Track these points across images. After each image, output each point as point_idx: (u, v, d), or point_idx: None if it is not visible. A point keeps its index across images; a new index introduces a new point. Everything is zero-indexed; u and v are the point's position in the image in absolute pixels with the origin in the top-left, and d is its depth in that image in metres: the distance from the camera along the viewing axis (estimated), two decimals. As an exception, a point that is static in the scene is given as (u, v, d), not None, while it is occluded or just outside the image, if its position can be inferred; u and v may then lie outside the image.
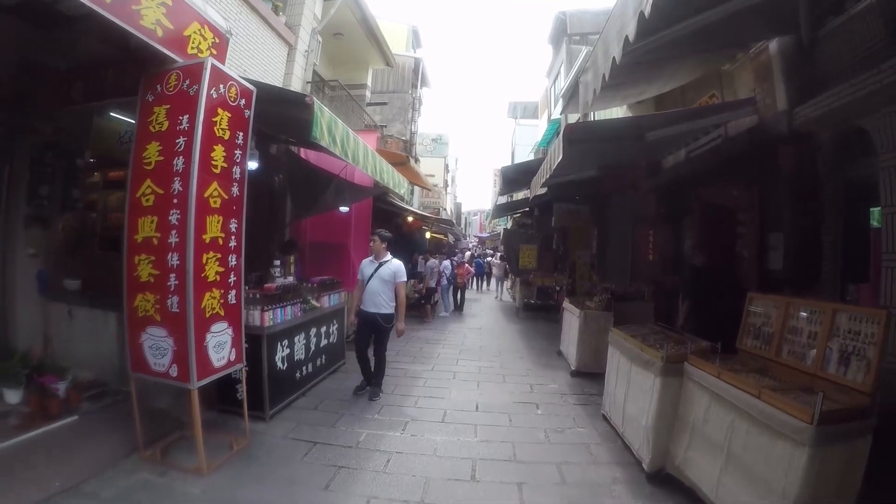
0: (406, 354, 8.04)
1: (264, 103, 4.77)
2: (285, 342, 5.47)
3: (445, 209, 36.48)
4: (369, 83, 15.35)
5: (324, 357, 6.58)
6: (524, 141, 31.67)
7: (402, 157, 9.13)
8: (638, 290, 8.40)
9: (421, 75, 22.04)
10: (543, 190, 12.96)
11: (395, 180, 6.92)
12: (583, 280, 13.00)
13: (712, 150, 6.57)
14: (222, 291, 4.22)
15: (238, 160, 4.34)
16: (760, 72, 5.48)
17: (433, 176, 31.16)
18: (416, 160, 23.49)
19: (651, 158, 8.26)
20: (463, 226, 52.90)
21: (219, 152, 4.08)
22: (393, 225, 16.62)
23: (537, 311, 13.21)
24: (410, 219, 14.33)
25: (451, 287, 13.02)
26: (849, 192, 4.69)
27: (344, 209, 7.81)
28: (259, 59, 7.90)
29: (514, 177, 9.40)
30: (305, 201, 8.25)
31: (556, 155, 4.94)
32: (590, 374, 6.89)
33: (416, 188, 21.34)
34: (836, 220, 4.74)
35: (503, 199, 16.30)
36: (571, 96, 4.97)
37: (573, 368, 7.09)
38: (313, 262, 8.56)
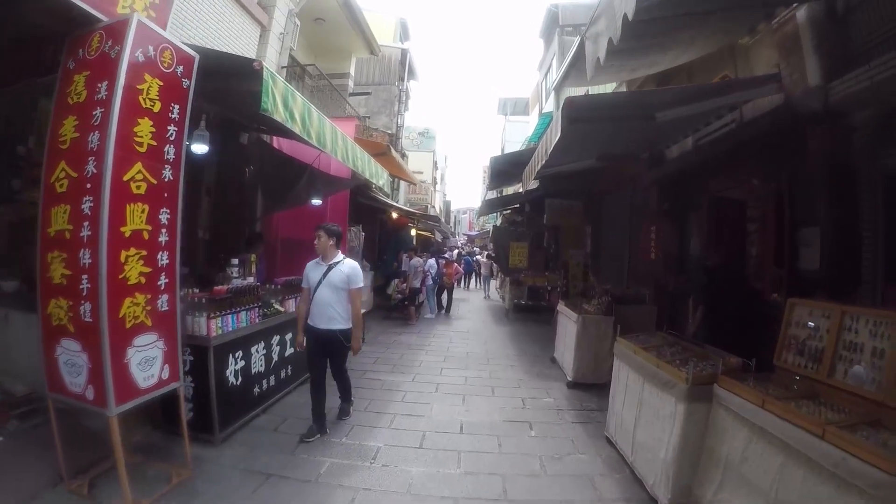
0: (385, 363, 7.30)
1: (215, 77, 4.05)
2: (239, 354, 4.72)
3: (434, 207, 35.76)
4: (352, 72, 14.59)
5: (290, 368, 5.84)
6: (514, 138, 31.00)
7: (382, 146, 8.40)
8: (638, 292, 7.74)
9: (408, 67, 21.29)
10: (535, 184, 12.27)
11: (371, 170, 6.21)
12: (576, 280, 12.35)
13: (724, 137, 5.89)
14: (149, 296, 3.48)
15: (173, 138, 3.60)
16: (786, 44, 4.81)
17: (421, 173, 30.40)
18: (403, 155, 22.75)
19: (654, 148, 7.59)
20: (452, 224, 52.42)
21: (145, 127, 3.34)
22: (377, 221, 15.87)
23: (528, 312, 12.52)
24: (395, 215, 13.58)
25: (437, 287, 12.26)
26: (891, 179, 4.03)
27: (317, 202, 7.05)
28: (225, 38, 7.11)
29: (505, 168, 8.71)
30: (277, 194, 7.52)
31: (553, 135, 4.23)
32: (588, 386, 6.22)
33: (403, 184, 20.57)
34: (876, 212, 4.08)
35: (492, 195, 15.59)
36: (573, 65, 4.30)
37: (570, 379, 6.39)
38: (285, 261, 7.82)
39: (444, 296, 12.65)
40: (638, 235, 8.45)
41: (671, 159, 7.45)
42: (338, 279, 4.47)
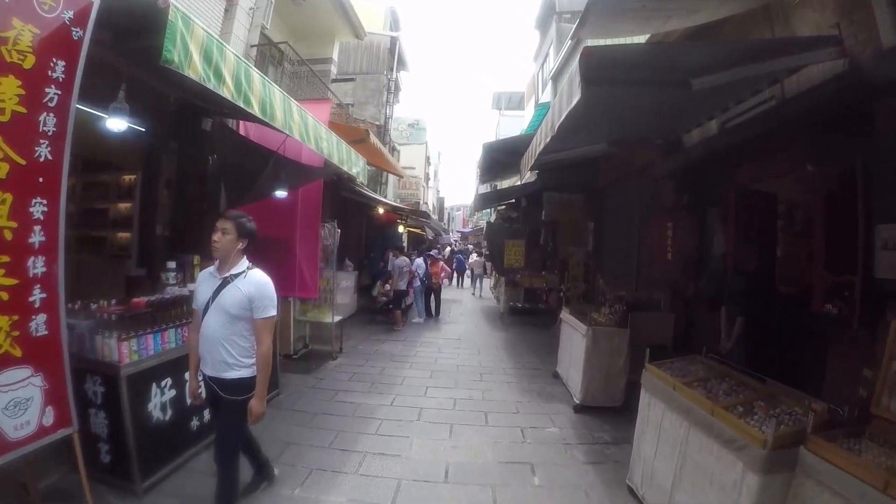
0: (362, 379, 6.31)
1: (130, 33, 3.08)
2: (167, 382, 3.74)
3: (427, 203, 34.76)
4: (335, 58, 13.57)
5: (245, 391, 4.84)
6: (508, 133, 29.92)
7: (360, 132, 7.39)
8: (651, 296, 6.80)
9: (398, 56, 20.26)
10: (533, 177, 11.32)
11: (342, 154, 5.25)
12: (577, 281, 11.42)
13: (760, 118, 4.93)
14: (15, 318, 2.54)
15: (53, 104, 2.65)
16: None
17: (413, 168, 29.40)
18: (393, 150, 21.71)
19: (671, 134, 6.65)
20: (446, 221, 51.61)
21: (8, 87, 2.36)
22: (363, 217, 14.88)
23: (524, 315, 11.56)
24: (382, 211, 12.58)
25: (424, 289, 11.25)
26: None
27: (282, 194, 6.05)
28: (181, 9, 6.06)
29: (499, 157, 7.74)
30: (240, 185, 6.50)
31: (566, 101, 3.26)
32: (599, 410, 5.29)
33: (392, 179, 19.55)
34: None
35: (485, 189, 14.65)
36: (590, 10, 3.40)
37: (577, 401, 5.44)
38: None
39: (433, 297, 11.61)
40: (651, 232, 7.51)
41: (691, 146, 6.50)
42: (232, 302, 2.79)
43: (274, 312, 2.90)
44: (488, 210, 34.11)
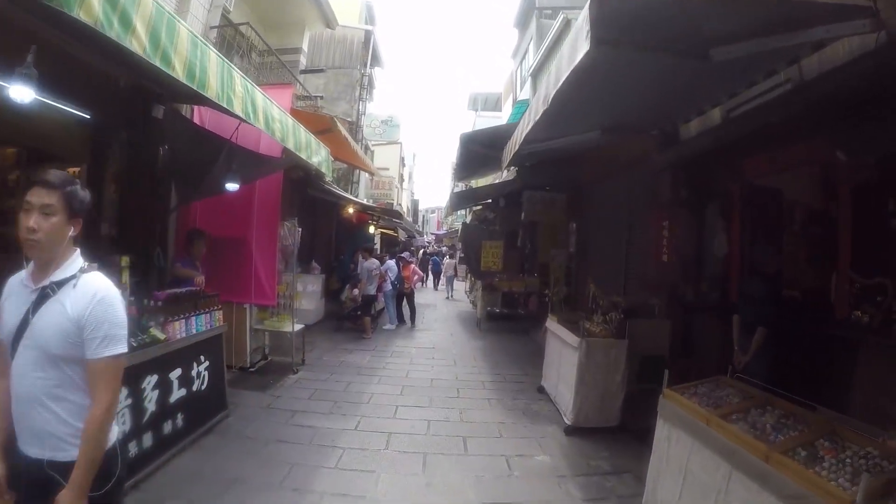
0: (325, 397, 5.56)
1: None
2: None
3: (401, 205, 33.99)
4: (305, 48, 12.80)
5: (181, 417, 4.12)
6: (484, 133, 29.44)
7: (326, 119, 6.62)
8: (644, 302, 6.22)
9: (372, 51, 19.48)
10: (512, 174, 10.73)
11: (299, 140, 4.56)
12: (558, 285, 10.84)
13: (775, 103, 4.37)
14: None
15: None
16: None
17: (387, 169, 28.62)
18: (367, 149, 20.91)
19: (666, 124, 6.10)
20: (420, 223, 50.95)
21: None
22: (333, 218, 14.07)
23: (502, 321, 10.91)
24: (352, 210, 11.82)
25: (396, 293, 10.47)
26: None
27: (233, 186, 5.29)
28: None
29: (478, 149, 7.05)
30: (191, 179, 5.72)
31: (565, 64, 2.61)
32: (593, 433, 4.66)
33: (364, 178, 18.74)
34: None
35: (461, 188, 13.99)
36: None
37: (568, 423, 4.79)
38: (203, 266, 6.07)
39: (406, 302, 10.85)
40: (645, 232, 6.95)
41: (690, 137, 5.95)
42: (53, 331, 1.65)
43: (122, 349, 1.73)
44: (463, 211, 33.56)
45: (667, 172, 6.65)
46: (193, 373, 4.37)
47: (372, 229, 13.04)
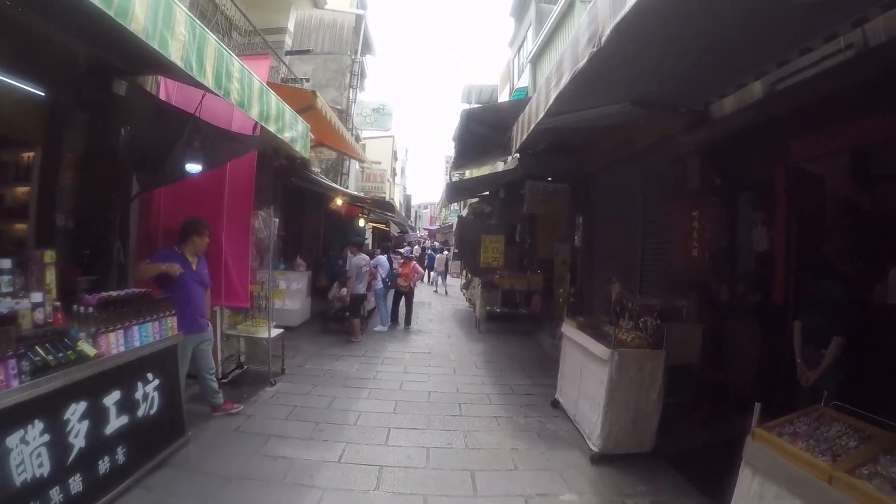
0: (304, 417, 4.74)
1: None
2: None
3: (393, 199, 33.14)
4: (290, 28, 11.92)
5: (123, 451, 3.33)
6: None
7: (306, 95, 5.72)
8: (670, 304, 5.45)
9: (363, 37, 18.58)
10: (513, 164, 9.92)
11: (267, 108, 3.75)
12: (562, 282, 10.07)
13: (830, 75, 3.61)
14: None
15: None
16: None
17: (379, 163, 27.76)
18: (358, 139, 20.01)
19: (697, 100, 5.32)
20: (413, 219, 50.24)
21: None
22: (322, 211, 13.20)
23: (503, 321, 10.11)
24: (340, 202, 10.97)
25: (388, 292, 9.61)
26: None
27: (194, 168, 4.46)
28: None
29: (481, 130, 6.22)
30: (153, 159, 4.88)
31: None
32: (625, 460, 3.90)
33: (354, 170, 17.85)
34: None
35: (458, 178, 13.15)
36: None
37: (595, 449, 4.00)
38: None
39: (403, 302, 9.99)
40: (666, 225, 6.19)
41: (724, 116, 5.17)
42: None
43: None
44: (457, 206, 32.71)
45: (695, 157, 5.88)
46: (138, 395, 3.54)
47: (362, 223, 12.16)
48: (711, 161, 5.62)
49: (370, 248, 13.19)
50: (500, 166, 14.28)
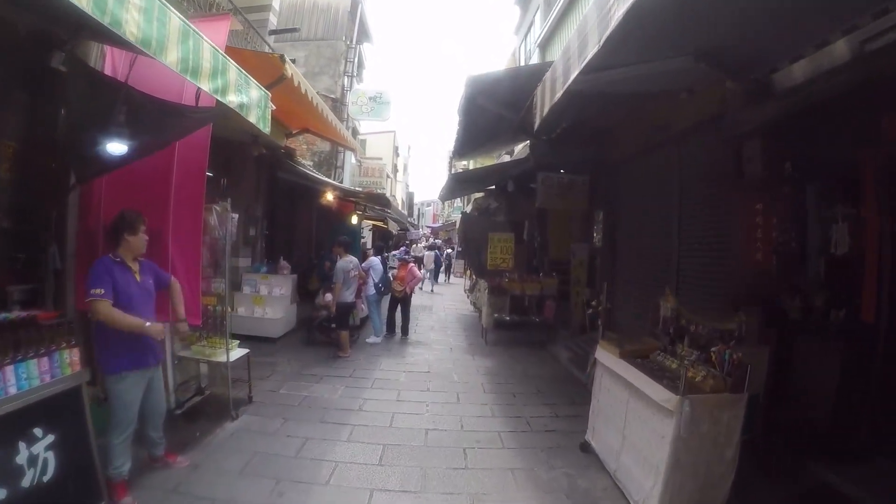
0: (263, 471, 3.64)
1: None
2: None
3: (395, 197, 32.06)
4: (275, 5, 10.80)
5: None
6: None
7: (272, 61, 4.53)
8: (724, 318, 4.33)
9: (360, 22, 17.48)
10: (524, 151, 8.81)
11: (195, 57, 2.67)
12: (579, 286, 8.96)
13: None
14: None
15: None
16: None
17: (380, 159, 26.67)
18: (356, 133, 18.92)
19: (759, 65, 4.25)
20: (416, 217, 49.27)
21: None
22: (313, 208, 12.10)
23: (513, 330, 9.01)
24: (331, 196, 9.88)
25: (381, 299, 8.51)
26: None
27: (118, 149, 3.39)
28: None
29: (489, 105, 5.09)
30: (89, 144, 3.83)
31: None
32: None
33: (349, 164, 16.71)
34: None
35: (460, 168, 11.99)
36: None
37: (651, 529, 2.91)
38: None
39: (399, 310, 8.85)
40: (723, 221, 5.08)
41: (795, 85, 4.08)
42: None
43: None
44: (460, 202, 31.61)
45: (755, 138, 4.77)
46: (21, 459, 2.49)
47: (355, 219, 11.05)
48: (777, 143, 4.51)
49: (367, 247, 12.05)
50: (505, 159, 13.14)
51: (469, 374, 6.50)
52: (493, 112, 5.32)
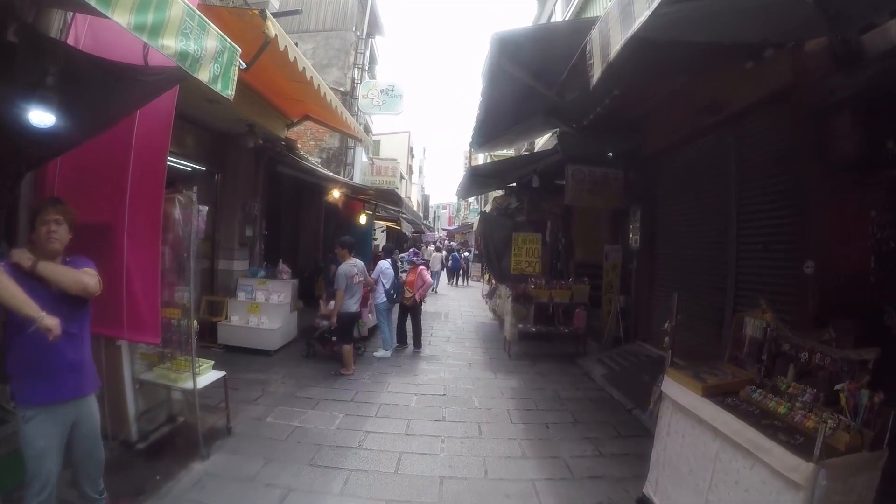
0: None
1: None
2: None
3: (410, 198, 31.24)
4: (279, -10, 9.99)
5: None
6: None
7: (253, 20, 3.69)
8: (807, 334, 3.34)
9: (371, 13, 16.66)
10: (552, 142, 7.90)
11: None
12: (611, 292, 7.98)
13: None
14: None
15: None
16: None
17: (395, 160, 25.86)
18: (368, 131, 18.08)
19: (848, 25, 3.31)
20: (432, 219, 48.52)
21: None
22: (321, 208, 11.26)
23: (537, 341, 8.07)
24: (337, 193, 9.03)
25: (393, 307, 7.57)
26: None
27: (41, 119, 2.54)
28: None
29: (521, 74, 4.14)
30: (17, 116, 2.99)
31: None
32: None
33: (359, 161, 15.85)
34: None
35: (478, 163, 11.01)
36: None
37: None
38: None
39: (410, 318, 7.91)
40: (804, 215, 4.10)
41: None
42: None
43: None
44: (477, 204, 30.63)
45: (843, 113, 3.81)
46: None
47: (364, 219, 10.19)
48: (874, 118, 3.54)
49: (379, 250, 11.12)
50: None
51: (492, 396, 5.55)
52: (520, 85, 4.39)
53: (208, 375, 3.93)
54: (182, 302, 3.65)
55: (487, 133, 6.23)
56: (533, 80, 4.28)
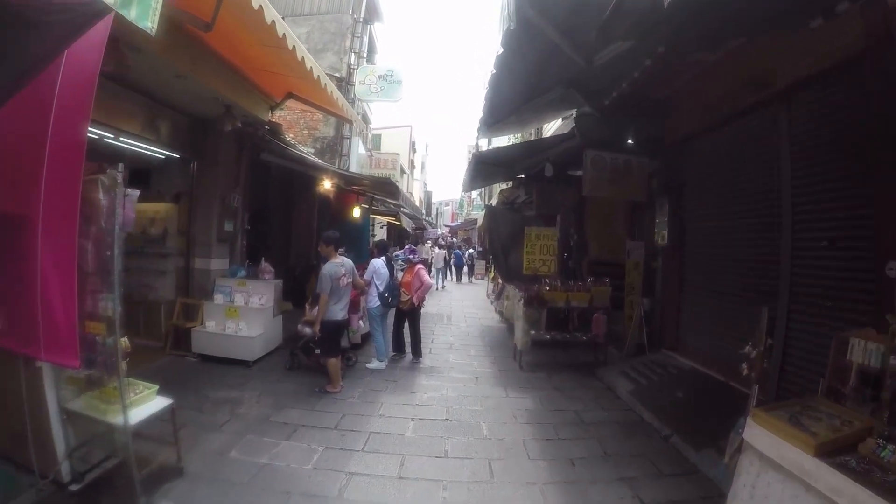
0: None
1: None
2: None
3: (412, 194, 30.39)
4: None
5: None
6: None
7: None
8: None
9: (368, -1, 15.73)
10: (568, 126, 7.12)
11: None
12: (633, 294, 7.14)
13: None
14: None
15: None
16: None
17: (395, 153, 25.00)
18: (366, 119, 17.18)
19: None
20: (434, 216, 47.83)
21: None
22: (314, 201, 10.41)
23: (551, 348, 7.22)
24: (329, 183, 8.19)
25: (387, 312, 6.66)
26: None
27: None
28: None
29: (543, 23, 3.31)
30: None
31: None
32: None
33: (355, 153, 14.97)
34: None
35: (490, 144, 10.19)
36: None
37: None
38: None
39: (408, 324, 7.04)
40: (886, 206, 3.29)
41: None
42: None
43: None
44: (481, 199, 29.73)
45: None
46: None
47: (357, 212, 9.35)
48: None
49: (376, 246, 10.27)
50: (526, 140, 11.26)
51: (503, 422, 4.68)
52: (543, 46, 3.56)
53: (148, 406, 3.11)
54: (106, 313, 2.81)
55: (498, 109, 5.38)
56: (560, 38, 3.43)
